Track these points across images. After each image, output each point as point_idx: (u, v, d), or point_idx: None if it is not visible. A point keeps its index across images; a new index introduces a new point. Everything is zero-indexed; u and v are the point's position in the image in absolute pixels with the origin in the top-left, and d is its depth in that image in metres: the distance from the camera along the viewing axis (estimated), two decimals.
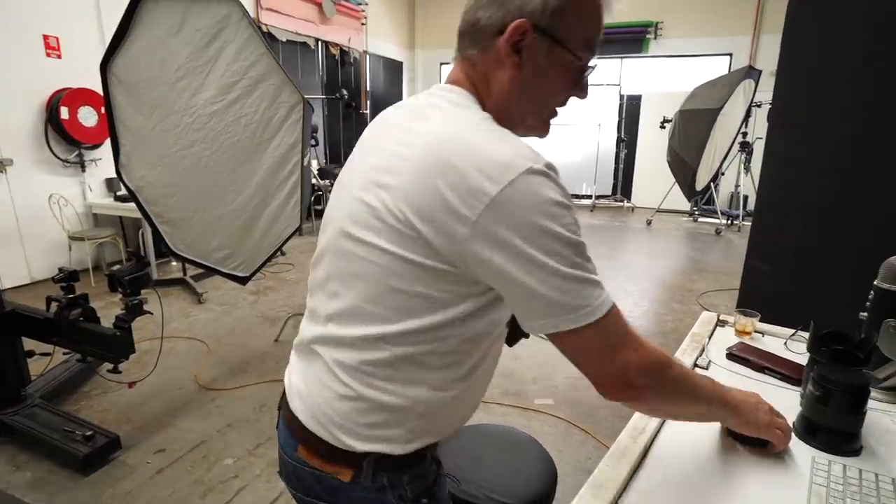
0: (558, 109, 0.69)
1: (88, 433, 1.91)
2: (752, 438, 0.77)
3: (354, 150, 0.75)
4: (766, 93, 3.99)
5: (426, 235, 0.57)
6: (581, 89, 0.66)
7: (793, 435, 0.82)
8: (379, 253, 0.61)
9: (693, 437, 0.81)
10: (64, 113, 3.84)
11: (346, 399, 0.66)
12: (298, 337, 0.79)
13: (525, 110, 0.66)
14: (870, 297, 0.94)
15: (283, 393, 0.78)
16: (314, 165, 5.91)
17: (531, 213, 0.54)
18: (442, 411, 0.69)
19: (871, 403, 0.80)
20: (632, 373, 0.59)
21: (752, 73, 5.42)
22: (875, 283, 0.93)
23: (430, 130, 0.61)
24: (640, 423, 0.83)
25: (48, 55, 3.83)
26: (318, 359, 0.70)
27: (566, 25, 0.61)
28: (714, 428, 0.83)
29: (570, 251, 0.55)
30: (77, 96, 3.92)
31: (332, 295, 0.68)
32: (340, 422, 0.66)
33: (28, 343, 2.11)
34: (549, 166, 0.56)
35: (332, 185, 3.56)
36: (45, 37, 3.80)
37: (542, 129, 0.69)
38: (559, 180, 0.57)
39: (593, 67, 0.66)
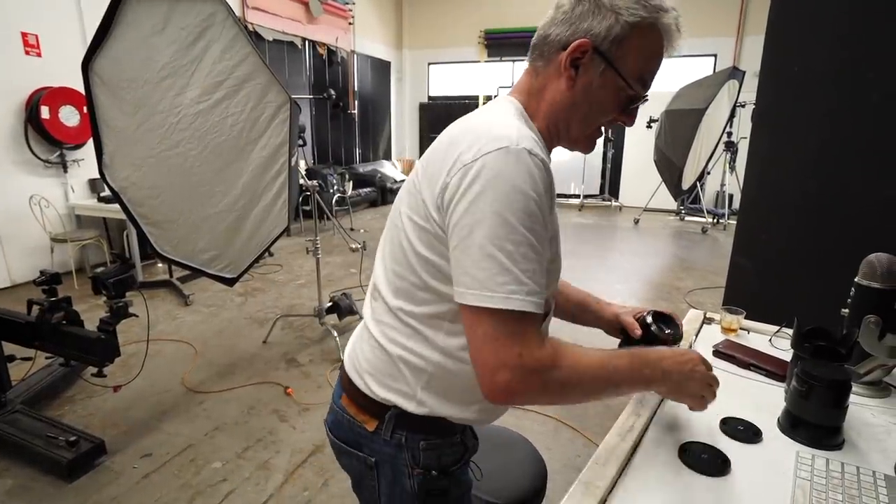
0: (604, 129, 0.76)
1: (72, 438, 1.88)
2: (700, 465, 0.73)
3: None
4: (749, 93, 4.04)
5: (424, 197, 0.67)
6: (627, 116, 0.72)
7: (777, 430, 0.83)
8: (403, 217, 0.72)
9: (681, 435, 0.82)
10: (44, 112, 3.77)
11: (373, 348, 0.77)
12: None
13: (570, 122, 0.72)
14: (851, 293, 0.96)
15: None
16: (302, 166, 5.87)
17: (489, 189, 0.59)
18: (455, 381, 0.73)
19: (852, 398, 0.82)
20: (506, 367, 0.59)
21: (736, 73, 5.50)
22: (856, 279, 0.95)
23: (460, 121, 0.72)
24: (629, 421, 0.84)
25: (27, 53, 3.76)
26: (368, 315, 0.82)
27: (623, 55, 0.67)
28: (702, 424, 0.84)
29: (508, 238, 0.59)
30: (58, 95, 3.85)
31: (378, 256, 0.81)
32: (369, 369, 0.77)
33: (9, 347, 2.07)
34: (530, 151, 0.61)
35: (319, 185, 3.53)
36: (24, 34, 3.72)
37: (585, 145, 0.75)
38: (534, 166, 0.60)
39: (644, 99, 0.71)
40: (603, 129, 0.74)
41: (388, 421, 0.76)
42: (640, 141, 7.35)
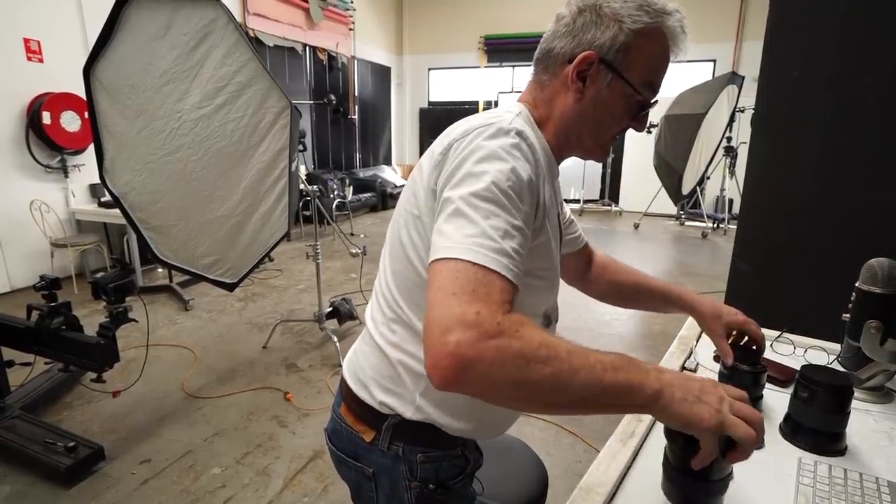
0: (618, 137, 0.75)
1: (71, 444, 1.87)
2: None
3: None
4: (749, 98, 4.06)
5: (421, 186, 0.66)
6: (638, 122, 0.72)
7: (779, 436, 0.83)
8: (403, 213, 0.72)
9: None
10: (46, 118, 3.78)
11: (374, 351, 0.76)
12: None
13: (582, 132, 0.72)
14: (852, 298, 0.96)
15: None
16: (302, 171, 5.88)
17: (472, 155, 0.59)
18: None
19: (854, 404, 0.82)
20: (458, 325, 0.46)
21: (735, 78, 5.52)
22: (856, 284, 0.95)
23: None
24: (630, 426, 0.84)
25: (29, 59, 3.77)
26: (368, 319, 0.82)
27: (630, 62, 0.66)
28: None
29: (484, 197, 0.55)
30: (59, 101, 3.86)
31: (381, 257, 0.81)
32: (372, 374, 0.76)
33: (8, 353, 2.07)
34: (520, 133, 0.61)
35: (320, 190, 3.52)
36: (26, 40, 3.74)
37: (599, 153, 0.75)
38: (523, 144, 0.61)
39: (653, 104, 0.71)
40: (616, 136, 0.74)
41: (385, 431, 0.74)
42: (639, 146, 7.37)
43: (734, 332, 0.90)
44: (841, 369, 0.99)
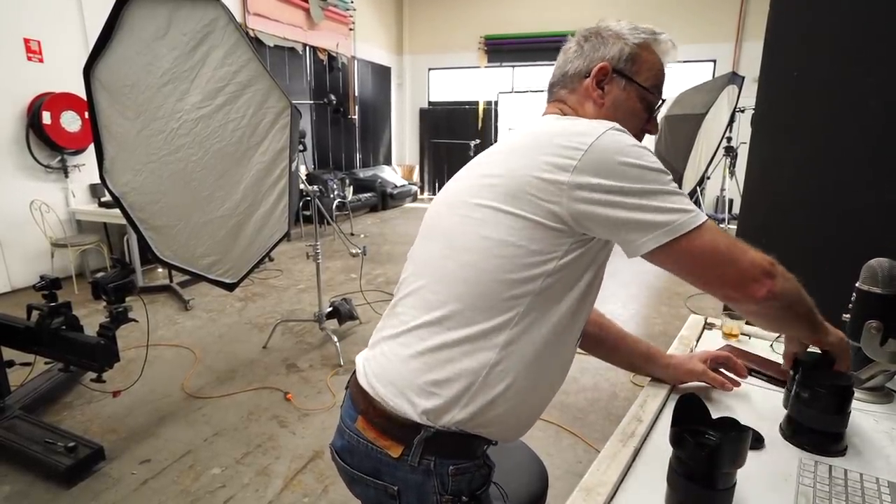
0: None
1: (71, 444, 1.87)
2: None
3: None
4: (749, 98, 4.05)
5: (534, 194, 0.69)
6: (651, 125, 0.84)
7: (779, 436, 0.83)
8: (480, 208, 0.72)
9: None
10: (46, 118, 3.79)
11: (417, 354, 0.74)
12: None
13: None
14: (852, 298, 0.96)
15: (353, 373, 0.85)
16: (302, 171, 5.88)
17: (618, 154, 0.66)
18: (505, 381, 0.72)
19: (854, 404, 0.82)
20: (764, 262, 0.68)
21: (735, 78, 5.51)
22: (856, 285, 0.95)
23: (534, 126, 0.77)
24: (630, 427, 0.84)
25: (29, 59, 3.78)
26: (400, 322, 0.78)
27: (637, 69, 0.80)
28: None
29: (657, 175, 0.67)
30: (59, 101, 3.86)
31: (425, 255, 0.81)
32: (412, 379, 0.73)
33: (8, 353, 2.07)
34: (626, 130, 0.71)
35: (320, 190, 3.50)
36: (27, 40, 3.75)
37: None
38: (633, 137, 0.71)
39: (662, 102, 0.83)
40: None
41: (416, 446, 0.72)
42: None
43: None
44: None
